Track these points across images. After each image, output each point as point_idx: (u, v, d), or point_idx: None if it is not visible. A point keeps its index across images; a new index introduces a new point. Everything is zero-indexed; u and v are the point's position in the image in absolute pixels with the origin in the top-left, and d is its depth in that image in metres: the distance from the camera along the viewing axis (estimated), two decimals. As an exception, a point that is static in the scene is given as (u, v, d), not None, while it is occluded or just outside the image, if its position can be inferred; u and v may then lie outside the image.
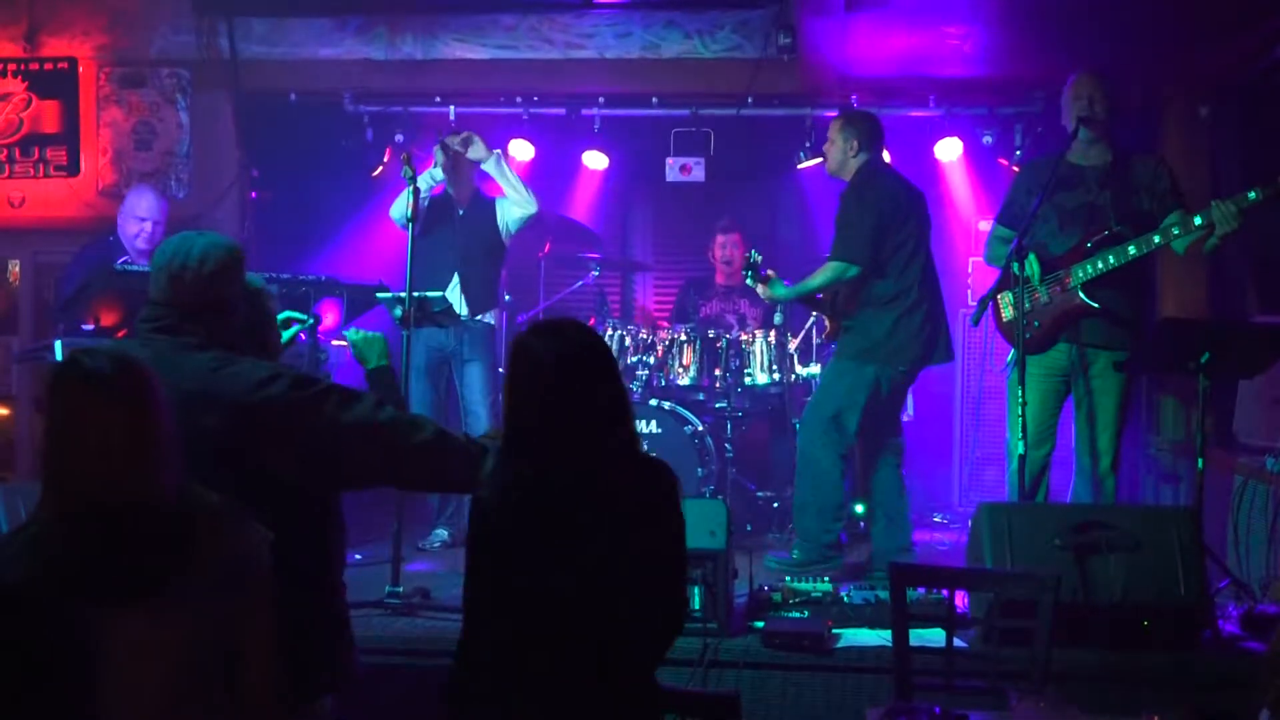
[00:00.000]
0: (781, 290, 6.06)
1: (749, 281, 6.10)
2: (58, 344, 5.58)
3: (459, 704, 2.93)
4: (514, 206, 6.73)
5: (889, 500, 6.04)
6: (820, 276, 5.92)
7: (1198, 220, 5.26)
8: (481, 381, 6.72)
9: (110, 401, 2.46)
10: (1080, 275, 5.48)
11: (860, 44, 6.68)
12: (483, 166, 6.71)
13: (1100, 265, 5.44)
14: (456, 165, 6.70)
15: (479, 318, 6.76)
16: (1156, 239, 5.37)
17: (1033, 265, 5.47)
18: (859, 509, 6.97)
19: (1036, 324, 5.58)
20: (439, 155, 6.67)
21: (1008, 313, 5.74)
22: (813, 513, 5.89)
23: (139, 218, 6.54)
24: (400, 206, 6.52)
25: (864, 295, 5.90)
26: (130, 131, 7.63)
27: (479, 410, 6.71)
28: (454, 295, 6.62)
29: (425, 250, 6.56)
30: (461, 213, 6.79)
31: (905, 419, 7.59)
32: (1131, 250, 5.39)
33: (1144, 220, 5.49)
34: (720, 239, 7.98)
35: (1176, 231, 5.33)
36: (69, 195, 7.57)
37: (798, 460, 6.04)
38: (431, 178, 6.68)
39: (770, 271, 6.04)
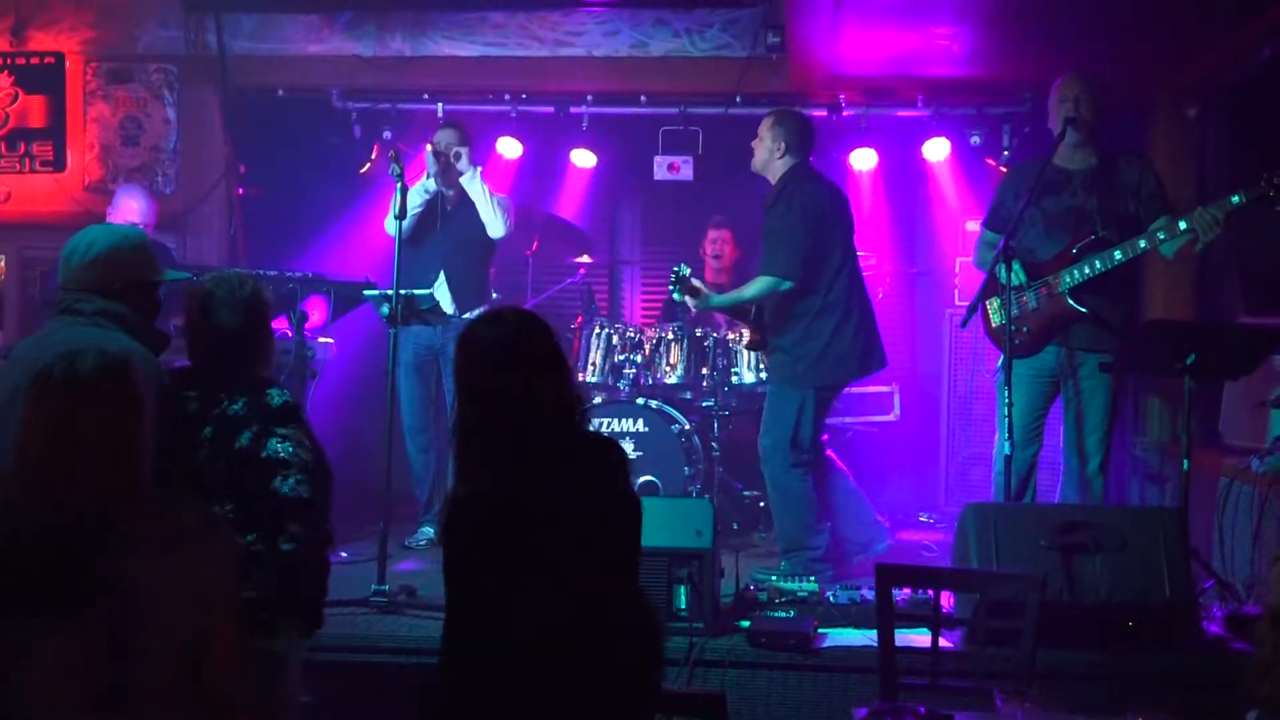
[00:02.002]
0: (714, 300, 6.06)
1: (675, 296, 6.05)
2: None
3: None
4: (486, 225, 6.70)
5: (838, 498, 6.08)
6: (751, 289, 5.91)
7: (1183, 224, 5.26)
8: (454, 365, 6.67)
9: (90, 406, 2.47)
10: (1068, 280, 5.49)
11: (849, 43, 6.67)
12: (460, 179, 6.66)
13: (1087, 270, 5.45)
14: (447, 164, 6.67)
15: (467, 315, 6.74)
16: (1143, 243, 5.37)
17: (1018, 275, 5.48)
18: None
19: (1025, 329, 5.58)
20: (431, 164, 6.62)
21: (996, 318, 5.74)
22: (798, 533, 5.89)
23: (134, 222, 6.51)
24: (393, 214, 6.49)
25: (795, 309, 5.87)
26: (117, 127, 7.61)
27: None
28: (440, 292, 6.60)
29: (412, 247, 6.56)
30: (449, 209, 6.77)
31: (892, 420, 7.63)
32: (1118, 255, 5.40)
33: (1130, 224, 5.50)
34: (711, 234, 7.98)
35: (1162, 236, 5.33)
36: (55, 190, 7.53)
37: (769, 489, 6.03)
38: (425, 190, 6.64)
39: (697, 282, 6.03)
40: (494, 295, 7.04)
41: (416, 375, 6.81)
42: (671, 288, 6.00)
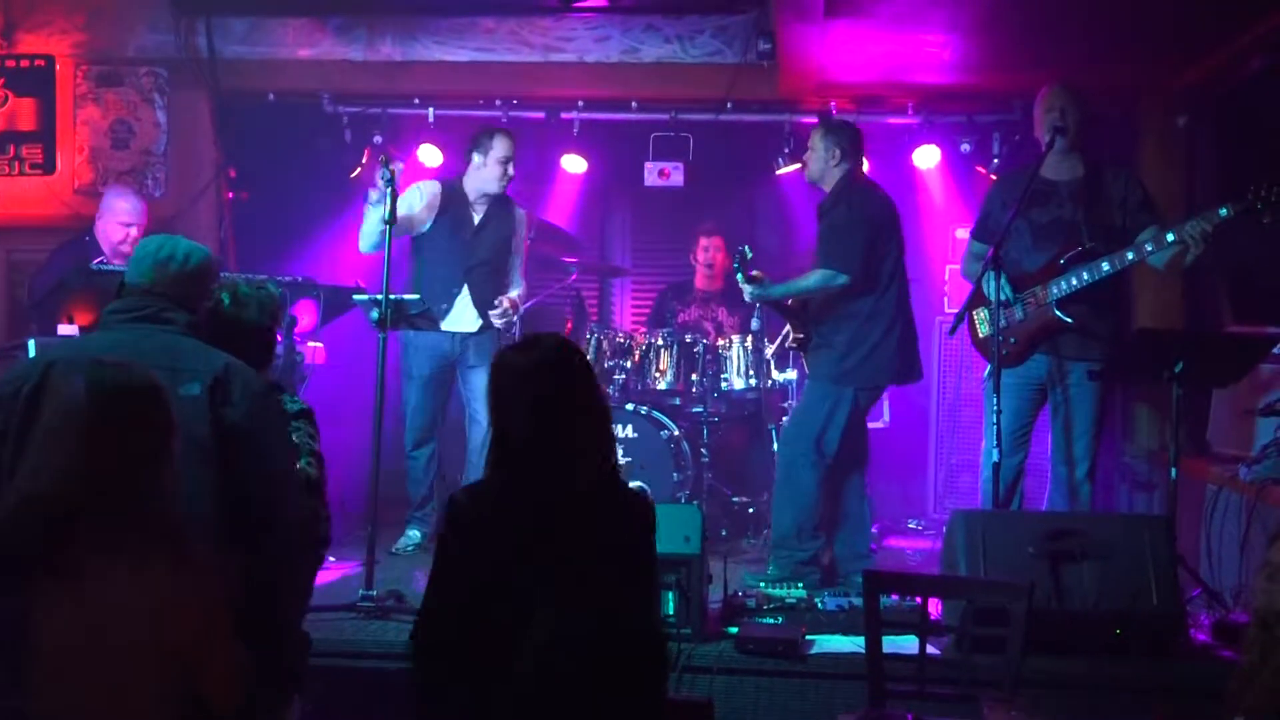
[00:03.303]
0: (773, 290, 6.05)
1: (739, 278, 6.08)
2: (31, 343, 5.55)
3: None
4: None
5: (854, 508, 6.09)
6: (808, 280, 5.91)
7: (1170, 237, 5.26)
8: (486, 388, 6.64)
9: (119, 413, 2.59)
10: (1055, 291, 5.50)
11: (840, 50, 6.68)
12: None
13: (1075, 281, 5.46)
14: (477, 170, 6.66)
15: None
16: (1130, 255, 5.38)
17: (1005, 290, 5.49)
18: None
19: (1012, 340, 5.60)
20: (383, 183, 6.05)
21: (983, 329, 5.75)
22: (792, 531, 5.90)
23: (124, 223, 6.51)
24: (369, 238, 6.40)
25: (843, 310, 5.89)
26: (107, 130, 7.58)
27: (482, 417, 6.67)
28: (462, 303, 6.58)
29: (434, 257, 6.53)
30: (478, 221, 6.72)
31: (881, 426, 7.63)
32: (1105, 266, 5.41)
33: (1117, 235, 5.51)
34: (703, 241, 7.95)
35: (1150, 248, 5.34)
36: (45, 193, 7.50)
37: (779, 480, 6.05)
38: (383, 219, 6.42)
39: (757, 272, 6.04)
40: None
41: (431, 387, 6.72)
42: (735, 268, 6.03)
